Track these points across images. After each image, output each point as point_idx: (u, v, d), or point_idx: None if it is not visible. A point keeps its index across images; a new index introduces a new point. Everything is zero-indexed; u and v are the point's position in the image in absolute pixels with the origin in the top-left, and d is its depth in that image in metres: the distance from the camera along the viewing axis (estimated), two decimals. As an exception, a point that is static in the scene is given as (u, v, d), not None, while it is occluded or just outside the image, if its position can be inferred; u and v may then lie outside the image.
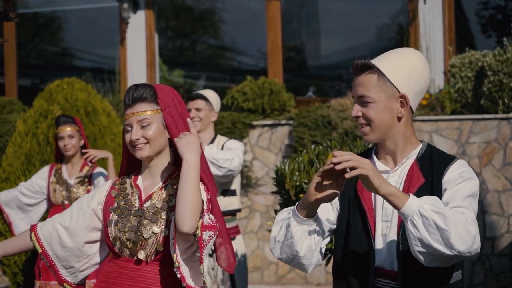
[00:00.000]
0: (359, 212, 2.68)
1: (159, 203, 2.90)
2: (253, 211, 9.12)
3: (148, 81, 10.80)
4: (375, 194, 2.67)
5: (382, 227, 2.65)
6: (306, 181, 4.29)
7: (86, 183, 5.71)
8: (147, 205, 2.92)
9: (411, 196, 2.46)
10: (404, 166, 2.69)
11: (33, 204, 5.77)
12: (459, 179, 2.58)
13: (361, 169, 2.44)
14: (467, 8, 11.39)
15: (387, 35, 12.25)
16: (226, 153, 5.25)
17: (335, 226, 2.76)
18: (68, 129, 5.69)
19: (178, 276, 2.73)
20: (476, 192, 2.59)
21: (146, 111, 2.89)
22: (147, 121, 2.89)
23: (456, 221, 2.41)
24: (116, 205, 2.95)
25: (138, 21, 10.92)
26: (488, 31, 11.58)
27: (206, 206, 2.81)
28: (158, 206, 2.89)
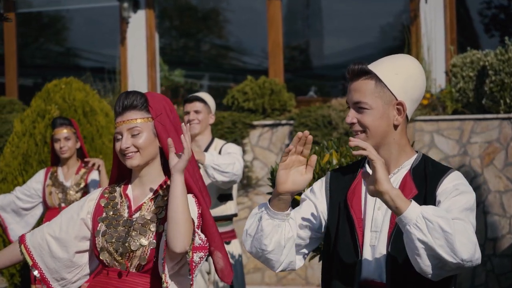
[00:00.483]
0: (348, 222, 2.63)
1: (148, 215, 2.85)
2: (253, 212, 9.08)
3: (149, 80, 10.77)
4: (365, 204, 2.63)
5: (371, 238, 2.59)
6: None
7: (83, 188, 5.69)
8: (136, 216, 2.87)
9: (413, 201, 2.40)
10: (397, 176, 2.63)
11: (29, 208, 5.75)
12: (455, 191, 2.52)
13: (372, 155, 2.38)
14: (470, 7, 11.33)
15: (390, 34, 12.19)
16: (226, 157, 5.22)
17: (319, 234, 2.71)
18: (64, 131, 5.65)
19: None
20: (472, 205, 2.52)
21: (136, 119, 2.84)
22: (137, 130, 2.83)
23: (458, 228, 2.36)
24: (104, 215, 2.91)
25: (139, 20, 10.88)
26: (491, 31, 11.49)
27: (197, 222, 2.77)
28: (148, 217, 2.84)
